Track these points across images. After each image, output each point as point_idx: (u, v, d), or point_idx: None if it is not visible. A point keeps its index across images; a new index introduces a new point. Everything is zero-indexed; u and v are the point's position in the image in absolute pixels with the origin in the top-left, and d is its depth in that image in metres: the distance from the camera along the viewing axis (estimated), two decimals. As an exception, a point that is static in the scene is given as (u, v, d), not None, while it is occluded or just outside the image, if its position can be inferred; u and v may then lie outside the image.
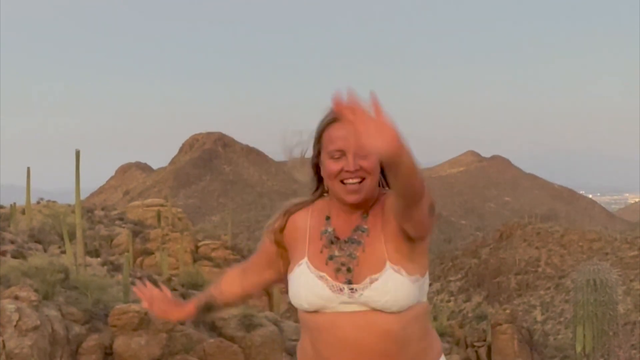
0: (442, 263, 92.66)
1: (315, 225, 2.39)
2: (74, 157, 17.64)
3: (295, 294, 2.34)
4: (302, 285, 2.30)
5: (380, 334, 2.23)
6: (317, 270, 2.30)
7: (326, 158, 2.30)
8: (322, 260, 2.31)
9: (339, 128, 2.26)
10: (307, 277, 2.30)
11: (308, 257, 2.34)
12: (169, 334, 12.40)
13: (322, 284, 2.27)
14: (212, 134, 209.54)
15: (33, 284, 11.93)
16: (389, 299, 2.21)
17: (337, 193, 2.30)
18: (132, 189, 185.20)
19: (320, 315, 2.28)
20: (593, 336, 11.74)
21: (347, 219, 2.34)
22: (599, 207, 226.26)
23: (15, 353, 9.90)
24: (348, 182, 2.26)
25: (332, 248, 2.31)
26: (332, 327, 2.26)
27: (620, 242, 78.72)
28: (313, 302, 2.28)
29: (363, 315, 2.23)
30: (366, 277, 2.24)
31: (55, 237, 22.89)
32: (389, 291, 2.21)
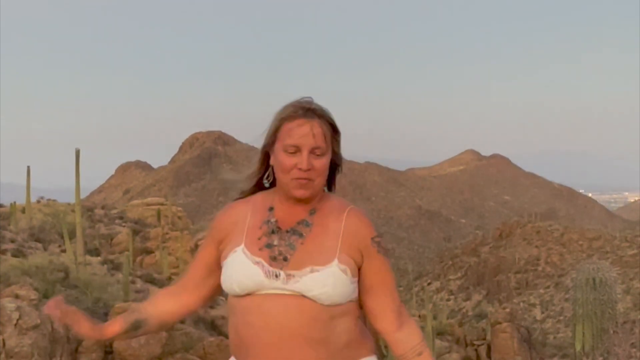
0: (442, 262, 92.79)
1: (256, 216, 2.40)
2: (74, 155, 17.65)
3: (227, 277, 2.32)
4: (236, 270, 2.29)
5: (308, 320, 2.24)
6: (253, 256, 2.30)
7: (280, 150, 2.31)
8: (260, 247, 2.32)
9: (299, 124, 2.29)
10: (242, 261, 2.30)
11: (245, 244, 2.33)
12: (169, 332, 12.42)
13: (258, 269, 2.27)
14: (212, 132, 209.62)
15: (33, 282, 11.95)
16: (325, 291, 2.23)
17: (285, 186, 2.32)
18: (132, 187, 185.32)
19: (249, 298, 2.28)
20: (592, 335, 11.76)
21: (291, 211, 2.36)
22: (598, 206, 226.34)
23: (15, 352, 9.92)
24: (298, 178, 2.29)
25: (272, 237, 2.33)
26: (259, 309, 2.26)
27: (620, 240, 78.82)
28: (245, 285, 2.27)
29: (293, 300, 2.24)
30: (306, 265, 2.26)
31: (55, 235, 22.90)
32: (327, 284, 2.23)
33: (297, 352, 2.26)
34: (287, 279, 2.25)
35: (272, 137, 2.35)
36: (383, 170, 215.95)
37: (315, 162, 2.28)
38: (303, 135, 2.27)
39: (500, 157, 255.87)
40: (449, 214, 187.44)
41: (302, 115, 2.30)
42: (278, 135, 2.32)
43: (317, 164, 2.28)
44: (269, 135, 2.37)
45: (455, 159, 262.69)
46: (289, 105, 2.35)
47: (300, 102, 2.35)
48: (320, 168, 2.29)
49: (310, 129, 2.28)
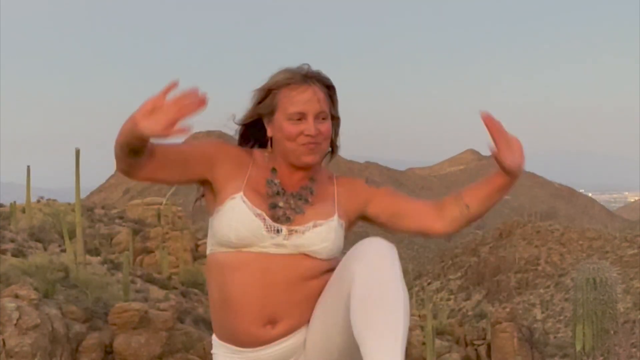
0: (442, 261, 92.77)
1: (258, 171, 2.36)
2: (74, 155, 17.65)
3: (224, 225, 2.24)
4: (235, 218, 2.23)
5: (304, 277, 2.25)
6: (255, 208, 2.26)
7: (283, 119, 2.29)
8: (262, 202, 2.29)
9: (301, 91, 2.28)
10: (243, 211, 2.24)
11: (244, 193, 2.28)
12: (169, 332, 12.41)
13: (259, 222, 2.24)
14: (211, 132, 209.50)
15: (33, 282, 11.95)
16: (326, 246, 2.26)
17: (292, 153, 2.30)
18: (132, 187, 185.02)
19: (240, 254, 2.25)
20: (593, 335, 11.75)
21: (293, 177, 2.35)
22: (598, 206, 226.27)
23: (15, 351, 9.92)
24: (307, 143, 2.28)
25: (277, 198, 2.31)
26: (253, 265, 2.24)
27: (620, 240, 78.78)
28: (243, 236, 2.23)
29: (290, 258, 2.24)
30: (310, 220, 2.28)
31: (55, 235, 22.88)
32: (329, 239, 2.26)
33: (283, 307, 2.25)
34: (289, 234, 2.25)
35: (269, 107, 2.33)
36: (383, 170, 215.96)
37: (320, 126, 2.28)
38: (307, 101, 2.27)
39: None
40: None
41: (301, 81, 2.29)
42: (277, 104, 2.30)
43: (323, 128, 2.29)
44: (267, 103, 2.33)
45: (455, 158, 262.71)
46: (283, 72, 2.33)
47: (296, 68, 2.33)
48: (326, 132, 2.30)
49: (313, 94, 2.28)
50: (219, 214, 2.28)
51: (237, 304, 2.26)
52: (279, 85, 2.30)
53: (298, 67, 2.33)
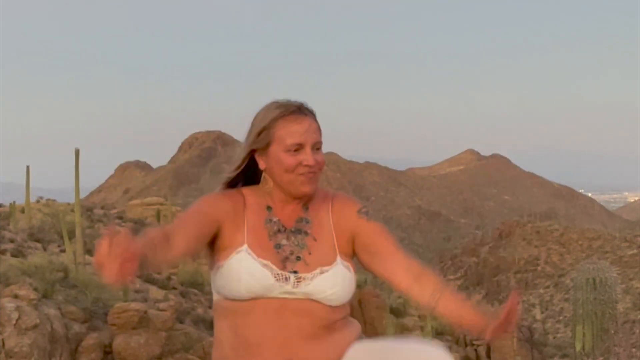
0: (442, 261, 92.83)
1: (254, 215, 2.34)
2: (74, 155, 17.66)
3: (233, 280, 2.23)
4: (244, 272, 2.21)
5: (317, 321, 2.24)
6: (260, 258, 2.24)
7: (280, 151, 2.27)
8: (266, 249, 2.27)
9: (298, 122, 2.28)
10: (250, 264, 2.23)
11: (248, 244, 2.26)
12: (168, 332, 12.41)
13: (267, 272, 2.22)
14: (211, 132, 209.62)
15: (32, 282, 11.93)
16: (335, 292, 2.24)
17: (291, 184, 2.29)
18: (132, 187, 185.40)
19: (251, 301, 2.23)
20: (593, 335, 11.74)
21: (287, 209, 2.34)
22: (598, 206, 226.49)
23: (14, 352, 9.91)
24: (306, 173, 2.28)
25: (278, 236, 2.30)
26: (266, 309, 2.23)
27: (620, 240, 78.89)
28: (254, 290, 2.21)
29: (301, 303, 2.23)
30: (316, 267, 2.25)
31: (55, 235, 22.88)
32: (337, 284, 2.24)
33: (303, 348, 2.24)
34: (297, 282, 2.23)
35: (264, 140, 2.31)
36: (383, 170, 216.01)
37: (317, 156, 2.29)
38: (304, 132, 2.27)
39: (499, 157, 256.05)
40: (449, 213, 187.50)
41: (297, 113, 2.30)
42: (273, 136, 2.29)
43: (320, 158, 2.30)
44: (262, 138, 2.32)
45: (455, 158, 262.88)
46: (275, 105, 2.33)
47: (287, 101, 2.34)
48: (322, 162, 2.31)
49: (309, 125, 2.29)
50: (225, 269, 2.26)
51: (255, 344, 2.25)
52: (274, 118, 2.30)
53: (286, 100, 2.35)
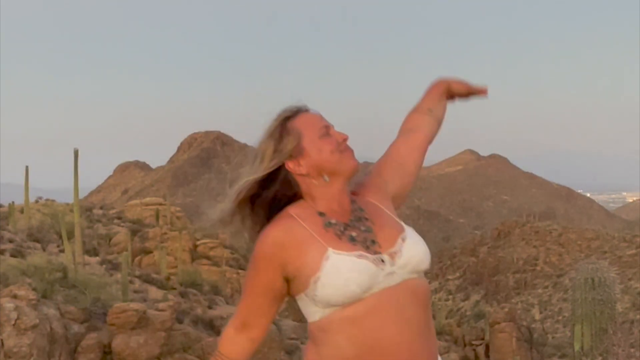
0: (441, 261, 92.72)
1: (313, 226, 2.23)
2: (73, 155, 17.65)
3: (340, 284, 2.13)
4: (346, 271, 2.12)
5: (424, 300, 2.22)
6: (350, 252, 2.16)
7: (316, 139, 2.25)
8: (345, 245, 2.19)
9: (307, 115, 2.30)
10: (347, 261, 2.14)
11: (330, 247, 2.17)
12: (167, 332, 12.40)
13: (365, 261, 2.14)
14: (210, 132, 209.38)
15: (32, 282, 11.94)
16: (424, 248, 2.25)
17: (341, 162, 2.25)
18: (131, 187, 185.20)
19: (364, 300, 2.14)
20: (591, 334, 11.76)
21: (336, 208, 2.27)
22: (597, 206, 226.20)
23: (14, 352, 9.91)
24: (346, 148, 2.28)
25: (346, 233, 2.22)
26: (388, 305, 2.15)
27: (619, 240, 78.86)
28: (363, 282, 2.12)
29: (405, 287, 2.18)
30: (395, 239, 2.23)
31: (54, 235, 22.88)
32: (419, 240, 2.26)
33: (424, 347, 2.20)
34: (391, 259, 2.18)
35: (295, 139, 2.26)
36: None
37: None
38: (320, 118, 2.31)
39: (498, 157, 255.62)
40: (448, 213, 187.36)
41: (302, 109, 2.31)
42: (301, 132, 2.27)
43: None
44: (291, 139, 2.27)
45: (453, 158, 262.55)
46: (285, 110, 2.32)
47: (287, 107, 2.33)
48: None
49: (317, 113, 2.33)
50: (325, 278, 2.15)
51: (386, 347, 2.16)
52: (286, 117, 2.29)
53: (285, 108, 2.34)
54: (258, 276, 2.26)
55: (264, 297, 2.28)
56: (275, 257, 2.21)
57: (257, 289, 2.27)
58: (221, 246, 34.91)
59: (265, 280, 2.25)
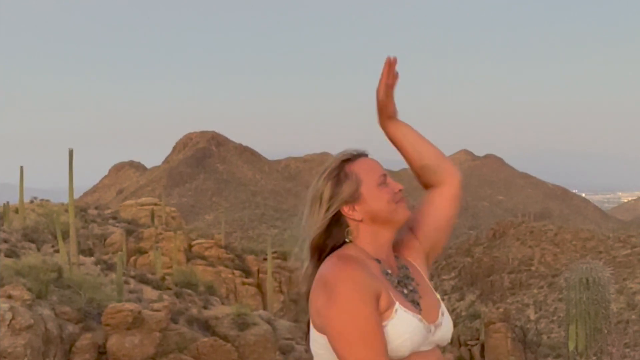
0: (436, 262, 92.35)
1: (377, 273, 2.19)
2: (67, 155, 17.64)
3: (399, 338, 2.11)
4: (407, 329, 2.11)
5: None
6: (411, 312, 2.15)
7: (374, 187, 2.23)
8: (405, 302, 2.17)
9: (366, 160, 2.28)
10: (410, 321, 2.13)
11: (398, 301, 2.15)
12: (162, 332, 12.40)
13: (422, 327, 2.15)
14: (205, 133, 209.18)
15: (26, 282, 11.92)
16: (451, 329, 2.28)
17: (395, 212, 2.24)
18: (126, 188, 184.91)
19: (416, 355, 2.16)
20: (586, 334, 11.76)
21: (384, 258, 2.26)
22: (592, 206, 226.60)
23: (8, 352, 9.90)
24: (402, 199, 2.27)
25: (399, 288, 2.22)
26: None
27: (613, 240, 79.01)
28: (416, 342, 2.14)
29: (434, 351, 2.23)
30: (437, 310, 2.26)
31: (49, 236, 22.86)
32: (450, 321, 2.28)
33: None
34: (436, 329, 2.22)
35: (354, 185, 2.23)
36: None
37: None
38: (377, 166, 2.29)
39: (494, 157, 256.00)
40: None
41: (362, 153, 2.31)
42: (360, 178, 2.24)
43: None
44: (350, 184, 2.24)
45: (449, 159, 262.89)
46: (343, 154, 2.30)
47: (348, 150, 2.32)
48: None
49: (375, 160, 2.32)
50: (389, 328, 2.10)
51: None
52: (350, 160, 2.28)
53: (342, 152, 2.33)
54: (370, 313, 2.07)
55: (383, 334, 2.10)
56: (370, 293, 2.09)
57: (377, 326, 2.08)
58: (216, 246, 34.92)
59: (376, 315, 2.08)
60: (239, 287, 33.13)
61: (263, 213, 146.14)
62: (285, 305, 31.98)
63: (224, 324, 14.63)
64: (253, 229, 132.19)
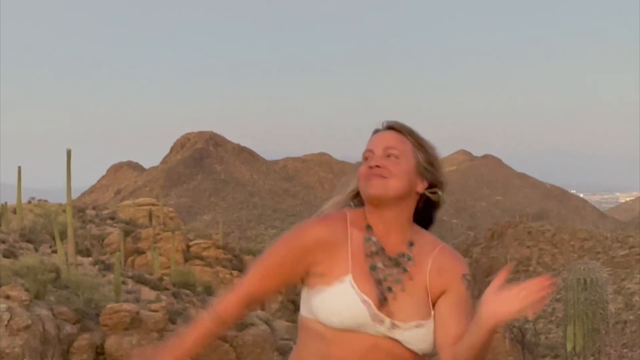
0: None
1: (357, 235, 2.22)
2: (65, 156, 17.63)
3: (329, 309, 2.13)
4: (343, 307, 2.12)
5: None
6: (362, 293, 2.13)
7: (360, 164, 2.26)
8: (365, 276, 2.16)
9: (375, 136, 2.27)
10: (350, 297, 2.12)
11: (352, 273, 2.15)
12: (160, 333, 12.39)
13: (365, 310, 2.11)
14: (203, 133, 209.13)
15: (24, 283, 11.91)
16: (425, 348, 2.16)
17: (364, 190, 2.22)
18: (124, 188, 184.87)
19: (346, 332, 2.14)
20: (584, 335, 11.77)
21: (391, 239, 2.24)
22: (590, 206, 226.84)
23: (6, 353, 9.89)
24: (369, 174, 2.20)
25: (375, 259, 2.19)
26: (347, 344, 2.14)
27: (612, 241, 79.02)
28: (347, 323, 2.12)
29: (385, 342, 2.13)
30: (413, 319, 2.15)
31: (47, 236, 22.84)
32: (428, 341, 2.16)
33: None
34: (392, 327, 2.13)
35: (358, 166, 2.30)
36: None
37: (387, 161, 2.20)
38: (377, 139, 2.25)
39: (492, 157, 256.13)
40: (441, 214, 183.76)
41: (383, 129, 2.29)
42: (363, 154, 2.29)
43: (389, 163, 2.19)
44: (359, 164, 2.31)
45: (446, 159, 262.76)
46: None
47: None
48: (392, 167, 2.19)
49: (383, 135, 2.27)
50: (326, 295, 2.15)
51: None
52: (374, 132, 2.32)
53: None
54: (284, 260, 2.24)
55: (279, 279, 2.27)
56: (309, 254, 2.20)
57: (277, 270, 2.26)
58: (214, 247, 34.90)
59: (289, 267, 2.23)
60: (237, 287, 33.10)
61: (261, 213, 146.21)
62: (284, 305, 31.97)
63: (222, 325, 14.64)
64: (251, 229, 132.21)
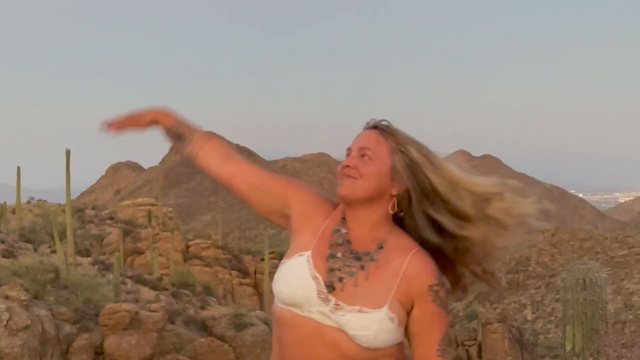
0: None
1: (330, 225, 2.26)
2: (65, 156, 17.63)
3: (282, 280, 2.19)
4: (294, 276, 2.16)
5: (339, 356, 2.13)
6: (314, 269, 2.16)
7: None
8: (323, 260, 2.18)
9: (359, 134, 2.26)
10: (304, 271, 2.15)
11: (312, 251, 2.19)
12: (159, 333, 12.39)
13: (313, 285, 2.14)
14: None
15: (23, 283, 11.91)
16: (366, 334, 2.11)
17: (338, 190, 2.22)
18: (123, 188, 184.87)
19: (287, 312, 2.17)
20: (583, 335, 11.78)
21: (360, 233, 2.23)
22: (589, 206, 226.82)
23: (5, 353, 9.88)
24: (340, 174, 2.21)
25: (338, 249, 2.20)
26: (292, 327, 2.17)
27: (611, 241, 79.02)
28: (295, 295, 2.14)
29: (330, 331, 2.13)
30: (357, 304, 2.13)
31: (46, 236, 22.84)
32: (370, 329, 2.11)
33: None
34: (335, 308, 2.12)
35: None
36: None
37: (359, 162, 2.19)
38: (357, 138, 2.24)
39: (491, 157, 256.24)
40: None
41: (367, 127, 2.26)
42: None
43: (361, 164, 2.18)
44: None
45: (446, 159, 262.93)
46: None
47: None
48: (362, 168, 2.18)
49: (366, 135, 2.24)
50: (283, 266, 2.23)
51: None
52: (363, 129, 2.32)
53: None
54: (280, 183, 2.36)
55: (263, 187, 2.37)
56: (292, 203, 2.32)
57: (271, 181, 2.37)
58: (213, 247, 34.93)
59: (277, 191, 2.34)
60: (236, 287, 33.14)
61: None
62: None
63: (221, 325, 14.63)
64: (250, 229, 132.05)
